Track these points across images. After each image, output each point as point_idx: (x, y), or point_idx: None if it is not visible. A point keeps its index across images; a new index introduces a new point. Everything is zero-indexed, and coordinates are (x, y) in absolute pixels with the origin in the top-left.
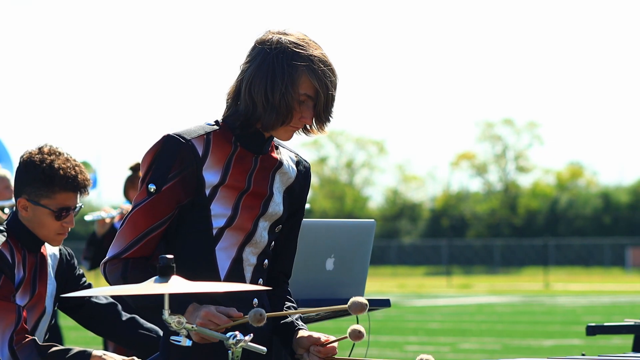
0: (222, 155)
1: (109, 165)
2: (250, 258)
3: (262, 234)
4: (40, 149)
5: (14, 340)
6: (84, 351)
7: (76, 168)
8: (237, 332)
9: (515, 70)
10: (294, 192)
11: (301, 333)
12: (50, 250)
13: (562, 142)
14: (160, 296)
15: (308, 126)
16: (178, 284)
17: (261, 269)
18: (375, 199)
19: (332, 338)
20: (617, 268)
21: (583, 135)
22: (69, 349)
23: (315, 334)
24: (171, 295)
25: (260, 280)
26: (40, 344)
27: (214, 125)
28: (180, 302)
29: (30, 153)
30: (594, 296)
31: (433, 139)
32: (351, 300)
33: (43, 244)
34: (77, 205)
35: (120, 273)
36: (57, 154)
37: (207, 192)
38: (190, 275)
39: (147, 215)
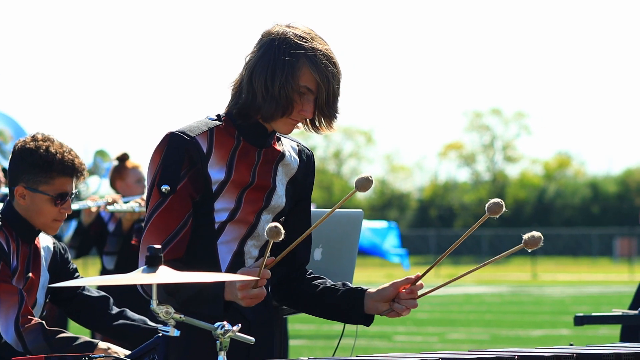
0: (226, 151)
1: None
2: (252, 251)
3: (265, 226)
4: (33, 136)
5: (20, 321)
6: (90, 342)
7: (72, 152)
8: (225, 322)
9: (504, 60)
10: (297, 182)
11: (373, 289)
12: (44, 243)
13: (550, 132)
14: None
15: (317, 123)
16: (166, 274)
17: None
18: None
19: (410, 276)
20: (605, 258)
21: (571, 125)
22: (76, 337)
23: (394, 282)
24: (207, 285)
25: None
26: (47, 328)
27: (216, 120)
28: (217, 285)
29: (24, 141)
30: (582, 286)
31: (421, 129)
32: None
33: (38, 234)
34: (74, 190)
35: None
36: (51, 140)
37: (214, 188)
38: (193, 269)
39: (168, 217)
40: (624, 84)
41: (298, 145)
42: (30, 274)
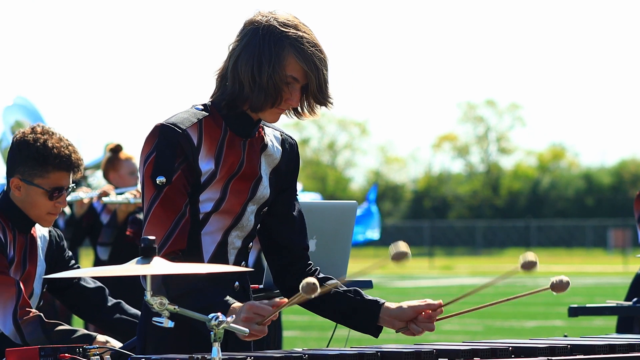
0: (214, 142)
1: (89, 148)
2: (235, 241)
3: (250, 217)
4: (33, 128)
5: (18, 313)
6: (89, 334)
7: (69, 147)
8: (219, 314)
9: (498, 51)
10: (280, 172)
11: (392, 305)
12: (40, 232)
13: (544, 124)
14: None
15: (299, 109)
16: (160, 265)
17: (245, 252)
18: (357, 180)
19: (430, 301)
20: (599, 249)
21: (565, 116)
22: (75, 330)
23: (414, 303)
24: (214, 302)
25: (244, 263)
26: (46, 321)
27: (203, 110)
28: (223, 304)
29: (23, 133)
30: (576, 277)
31: (415, 120)
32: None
33: (34, 224)
34: (70, 185)
35: (161, 276)
36: (51, 133)
37: (202, 179)
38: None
39: (166, 209)
40: (617, 76)
41: (281, 135)
42: (28, 265)
